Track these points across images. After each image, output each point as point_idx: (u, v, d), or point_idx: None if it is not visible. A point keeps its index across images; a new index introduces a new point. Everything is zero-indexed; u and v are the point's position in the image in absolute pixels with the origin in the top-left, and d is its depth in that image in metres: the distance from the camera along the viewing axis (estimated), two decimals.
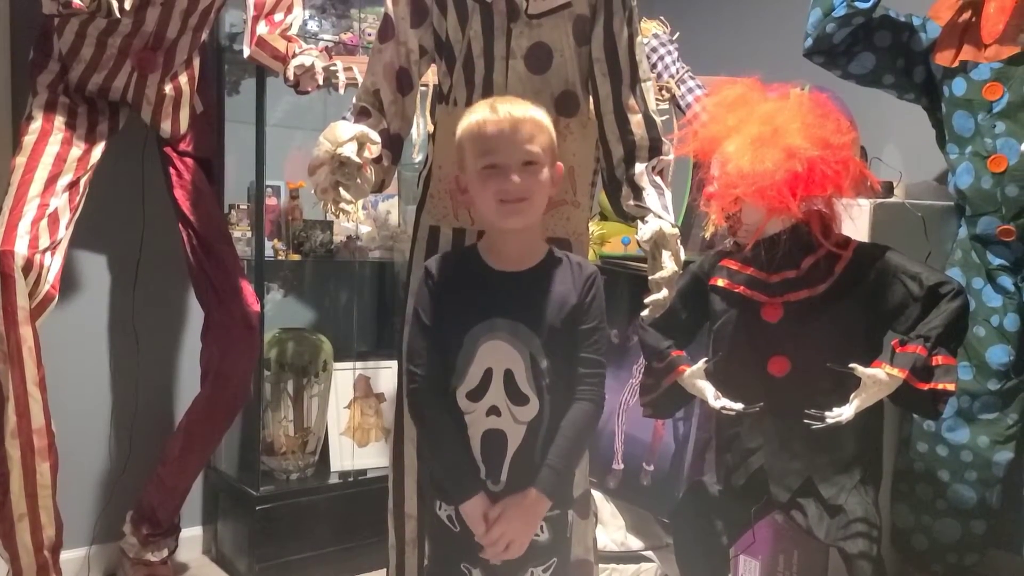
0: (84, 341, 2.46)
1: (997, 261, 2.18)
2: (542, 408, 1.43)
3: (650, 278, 1.59)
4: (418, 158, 2.57)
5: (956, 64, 2.19)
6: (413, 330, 1.49)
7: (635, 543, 2.52)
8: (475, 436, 1.43)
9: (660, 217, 1.63)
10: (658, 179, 1.72)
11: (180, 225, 2.32)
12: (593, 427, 1.48)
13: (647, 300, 1.60)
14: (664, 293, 1.58)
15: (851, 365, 1.71)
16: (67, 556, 2.21)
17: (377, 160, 1.63)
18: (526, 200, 1.42)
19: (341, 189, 1.51)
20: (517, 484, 1.42)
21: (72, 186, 2.04)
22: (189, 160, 2.34)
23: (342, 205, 1.51)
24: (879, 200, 2.20)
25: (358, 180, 1.53)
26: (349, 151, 1.49)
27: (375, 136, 1.55)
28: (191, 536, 2.63)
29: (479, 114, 1.44)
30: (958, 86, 2.19)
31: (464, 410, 1.44)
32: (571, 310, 1.45)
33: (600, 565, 1.96)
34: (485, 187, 1.42)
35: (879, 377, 1.70)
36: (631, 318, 2.57)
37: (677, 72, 2.64)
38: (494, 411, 1.42)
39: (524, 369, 1.42)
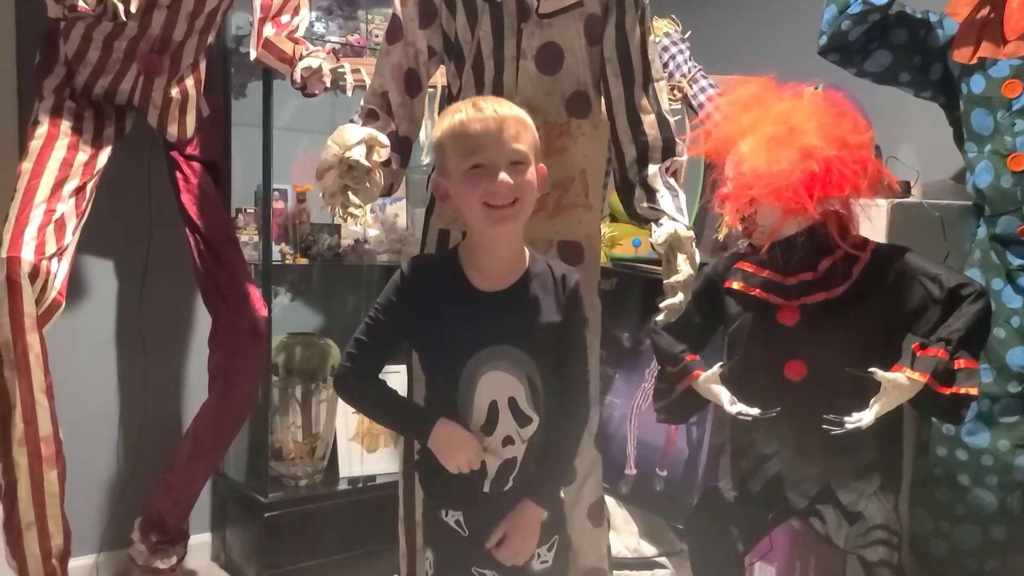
0: (91, 348, 2.45)
1: (1017, 261, 2.15)
2: (540, 422, 1.43)
3: (665, 282, 1.57)
4: (426, 161, 2.55)
5: (974, 61, 2.15)
6: (368, 327, 1.42)
7: (648, 549, 2.49)
8: (492, 464, 1.41)
9: (675, 220, 1.60)
10: (672, 180, 1.69)
11: (187, 230, 2.31)
12: (582, 431, 1.49)
13: (662, 304, 1.57)
14: (679, 297, 1.55)
15: (871, 369, 1.68)
16: (76, 564, 2.20)
17: (386, 163, 1.61)
18: (515, 203, 1.35)
19: (350, 193, 1.49)
20: (519, 487, 1.43)
21: (79, 191, 2.02)
22: (196, 164, 2.33)
23: (351, 209, 1.49)
24: (897, 200, 2.17)
25: (367, 184, 1.51)
26: (358, 155, 1.47)
27: (384, 139, 1.53)
28: (200, 543, 2.61)
29: (461, 113, 1.35)
30: (976, 83, 2.16)
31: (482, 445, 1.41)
32: (557, 326, 1.42)
33: (614, 572, 1.93)
34: (472, 190, 1.33)
35: (900, 381, 1.67)
36: (643, 321, 2.54)
37: (689, 71, 2.61)
38: (508, 440, 1.40)
39: (524, 392, 1.40)
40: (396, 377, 2.71)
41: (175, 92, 2.23)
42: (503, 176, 1.32)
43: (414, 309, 1.40)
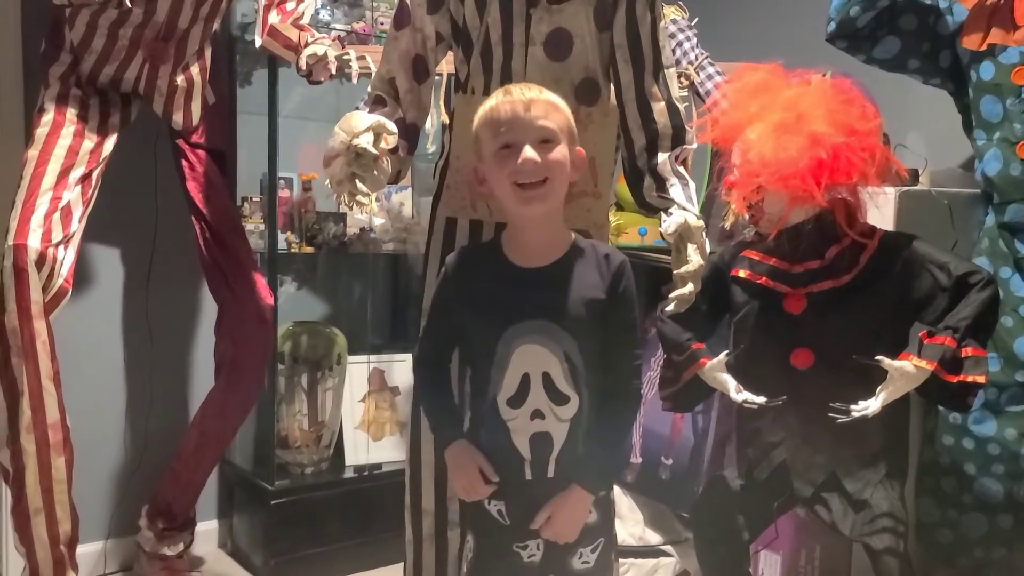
0: (98, 335, 2.45)
1: None
2: (581, 403, 1.43)
3: (675, 272, 1.56)
4: (432, 149, 2.54)
5: (984, 48, 2.13)
6: (428, 318, 1.53)
7: (654, 537, 2.49)
8: (522, 440, 1.42)
9: (685, 209, 1.59)
10: (681, 169, 1.68)
11: (193, 218, 2.31)
12: (634, 417, 1.52)
13: (672, 295, 1.56)
14: (689, 288, 1.54)
15: (877, 357, 1.68)
16: (83, 550, 2.20)
17: (393, 151, 1.60)
18: (545, 183, 1.38)
19: (357, 181, 1.48)
20: (563, 475, 1.44)
21: (85, 179, 2.02)
22: (201, 152, 2.33)
23: (358, 197, 1.48)
24: (905, 188, 2.16)
25: (374, 172, 1.50)
26: (365, 142, 1.46)
27: (392, 126, 1.52)
28: (207, 530, 2.62)
29: (492, 100, 1.42)
30: (986, 70, 2.14)
31: (505, 417, 1.42)
32: (601, 305, 1.43)
33: (619, 560, 1.93)
34: (501, 170, 1.38)
35: (907, 370, 1.67)
36: (649, 310, 2.53)
37: (696, 58, 2.59)
38: (538, 415, 1.41)
39: (561, 369, 1.40)
40: (403, 366, 2.73)
41: (180, 80, 2.22)
42: (528, 152, 1.36)
43: (459, 290, 1.45)
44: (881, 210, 1.91)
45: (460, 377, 1.66)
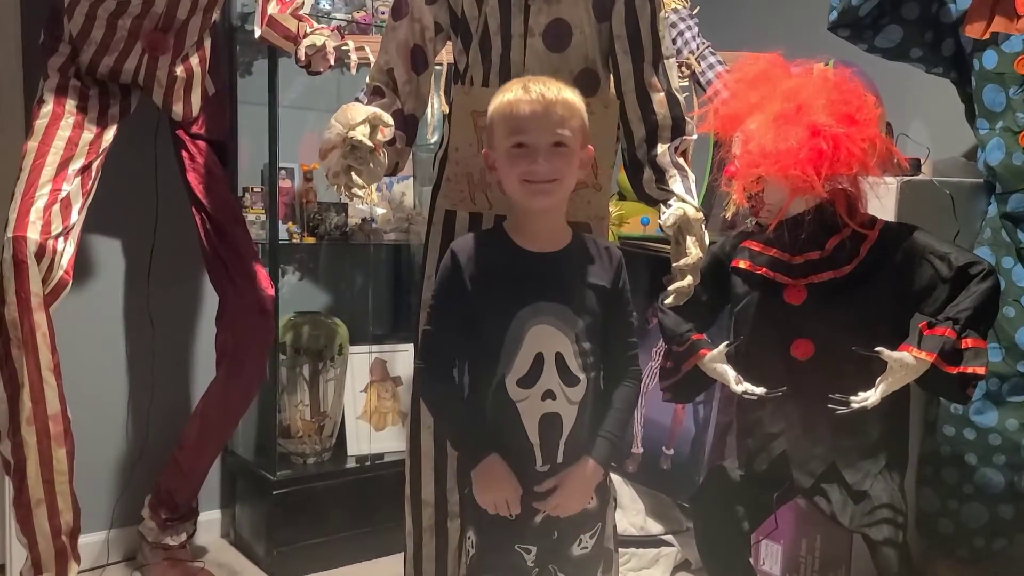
0: (100, 326, 2.46)
1: None
2: (588, 386, 1.45)
3: (674, 265, 1.55)
4: (433, 139, 2.54)
5: (987, 36, 2.12)
6: (431, 315, 1.48)
7: (655, 527, 2.50)
8: (531, 422, 1.43)
9: (684, 200, 1.59)
10: (681, 160, 1.67)
11: (193, 209, 2.31)
12: (636, 400, 1.54)
13: (671, 287, 1.56)
14: (688, 280, 1.55)
15: (877, 348, 1.67)
16: (86, 540, 2.22)
17: (391, 142, 1.59)
18: (555, 181, 1.41)
19: (353, 173, 1.48)
20: (571, 461, 1.45)
21: (84, 171, 2.02)
22: (202, 143, 2.32)
23: (354, 189, 1.48)
24: (906, 178, 2.15)
25: (371, 164, 1.49)
26: (361, 134, 1.46)
27: (388, 118, 1.51)
28: (209, 520, 2.63)
29: (512, 93, 1.42)
30: (989, 59, 2.13)
31: (515, 398, 1.42)
32: (606, 295, 1.46)
33: (620, 550, 1.94)
34: (512, 167, 1.40)
35: (906, 361, 1.67)
36: (650, 300, 2.53)
37: (697, 48, 2.57)
38: (549, 395, 1.42)
39: (573, 350, 1.43)
40: (404, 356, 2.73)
41: (180, 70, 2.22)
42: (541, 160, 1.39)
43: (470, 273, 1.44)
44: (882, 200, 1.90)
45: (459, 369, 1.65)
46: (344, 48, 2.22)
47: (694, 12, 2.74)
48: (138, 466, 2.47)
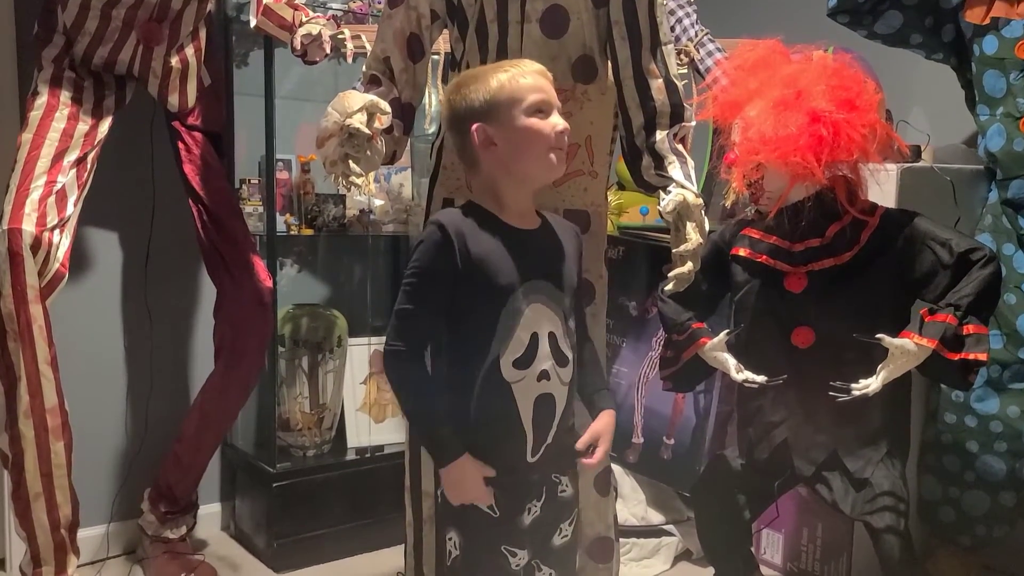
0: (97, 319, 2.45)
1: None
2: (574, 366, 1.44)
3: (673, 251, 1.54)
4: (431, 129, 2.52)
5: (987, 21, 2.11)
6: (410, 294, 1.35)
7: (656, 517, 2.50)
8: (526, 404, 1.38)
9: (683, 187, 1.58)
10: (680, 147, 1.66)
11: (190, 201, 2.29)
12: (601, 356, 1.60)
13: (671, 274, 1.55)
14: (688, 266, 1.53)
15: (878, 335, 1.67)
16: (86, 534, 2.21)
17: (388, 131, 1.58)
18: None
19: (350, 161, 1.47)
20: (560, 441, 1.43)
21: (79, 162, 2.01)
22: (198, 134, 2.31)
23: (352, 178, 1.47)
24: (907, 164, 2.14)
25: (368, 152, 1.48)
26: (358, 122, 1.45)
27: (385, 106, 1.50)
28: (209, 513, 2.63)
29: (506, 72, 1.38)
30: (989, 44, 2.12)
31: (510, 379, 1.37)
32: (577, 268, 1.47)
33: (621, 540, 1.93)
34: (538, 135, 1.36)
35: (907, 348, 1.66)
36: (650, 290, 2.52)
37: (696, 35, 2.56)
38: (544, 375, 1.39)
39: (563, 330, 1.42)
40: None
41: (175, 61, 2.20)
42: (561, 121, 1.38)
43: (456, 255, 1.35)
44: (883, 187, 1.90)
45: (434, 351, 1.52)
46: (340, 37, 2.20)
47: None
48: (137, 459, 2.46)
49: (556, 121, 1.37)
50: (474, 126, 1.37)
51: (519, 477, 1.40)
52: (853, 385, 1.68)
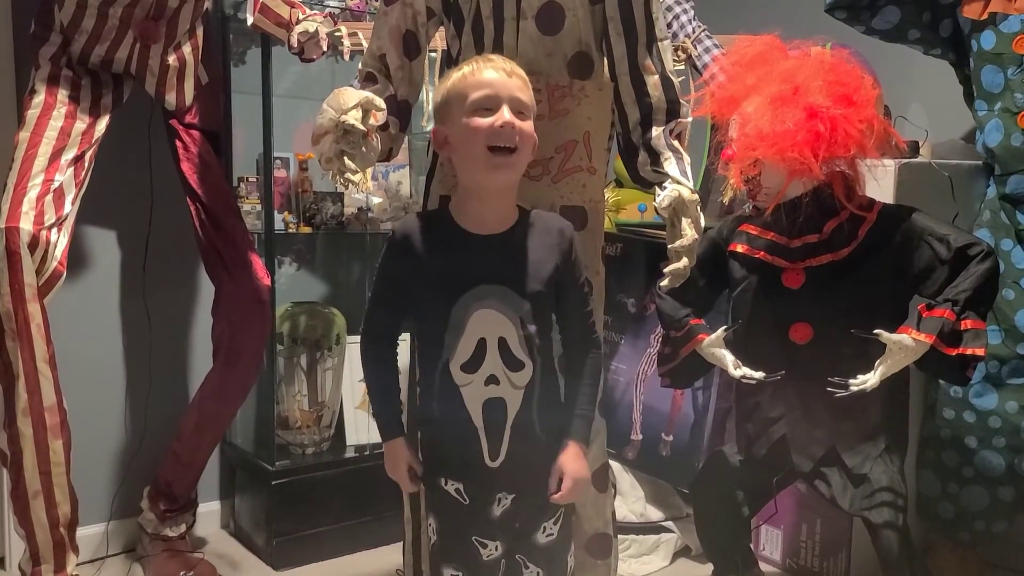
0: (95, 318, 2.45)
1: None
2: (535, 370, 1.42)
3: (669, 247, 1.54)
4: (428, 127, 2.52)
5: (985, 16, 2.11)
6: (375, 292, 1.49)
7: (655, 514, 2.50)
8: (475, 406, 1.40)
9: (679, 183, 1.57)
10: (676, 143, 1.66)
11: (188, 199, 2.29)
12: (600, 366, 1.53)
13: (667, 270, 1.55)
14: (684, 262, 1.53)
15: (876, 331, 1.67)
16: (85, 532, 2.21)
17: (384, 128, 1.58)
18: (514, 152, 1.37)
19: (346, 158, 1.47)
20: (517, 448, 1.42)
21: (77, 161, 2.01)
22: (195, 132, 2.30)
23: (348, 175, 1.47)
24: (904, 160, 2.14)
25: (363, 148, 1.48)
26: (354, 118, 1.44)
27: (381, 103, 1.50)
28: (209, 511, 2.63)
29: (468, 67, 1.40)
30: (987, 40, 2.11)
31: (459, 382, 1.40)
32: (554, 273, 1.43)
33: (619, 536, 1.93)
34: (475, 133, 1.35)
35: (905, 343, 1.66)
36: (648, 287, 2.52)
37: (693, 31, 2.56)
38: (493, 380, 1.40)
39: (517, 335, 1.40)
40: (403, 345, 2.71)
41: (172, 59, 2.20)
42: (507, 113, 1.35)
43: (409, 259, 1.42)
44: (881, 183, 1.90)
45: (411, 347, 1.64)
46: (337, 34, 2.20)
47: None
48: (136, 457, 2.46)
49: (500, 116, 1.35)
50: (432, 128, 1.42)
51: (480, 477, 1.43)
52: (851, 381, 1.69)
